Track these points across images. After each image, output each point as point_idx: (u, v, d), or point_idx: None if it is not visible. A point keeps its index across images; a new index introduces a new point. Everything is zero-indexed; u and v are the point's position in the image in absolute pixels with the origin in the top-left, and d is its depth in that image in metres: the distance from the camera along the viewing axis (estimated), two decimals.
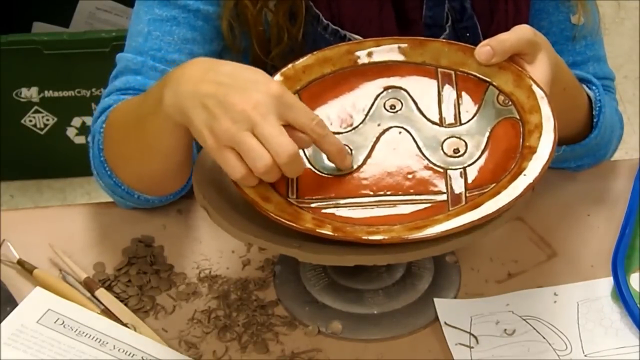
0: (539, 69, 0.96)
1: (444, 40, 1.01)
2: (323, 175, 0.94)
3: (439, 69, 0.99)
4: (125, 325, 0.99)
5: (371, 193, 0.93)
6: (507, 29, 0.97)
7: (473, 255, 1.07)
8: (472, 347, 0.97)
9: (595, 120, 1.12)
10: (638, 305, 0.99)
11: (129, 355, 0.95)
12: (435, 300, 1.02)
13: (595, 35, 1.20)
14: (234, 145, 0.87)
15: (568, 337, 0.99)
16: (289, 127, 0.88)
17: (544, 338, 0.98)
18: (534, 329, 0.99)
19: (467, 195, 0.91)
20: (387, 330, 1.00)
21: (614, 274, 1.02)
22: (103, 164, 1.07)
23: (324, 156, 0.95)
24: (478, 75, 0.98)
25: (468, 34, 1.15)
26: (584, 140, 1.11)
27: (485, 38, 1.15)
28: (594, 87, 1.13)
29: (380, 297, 1.02)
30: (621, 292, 1.00)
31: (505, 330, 0.99)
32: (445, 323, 1.00)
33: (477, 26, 1.16)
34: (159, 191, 1.08)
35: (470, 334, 0.99)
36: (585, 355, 0.97)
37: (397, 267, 1.04)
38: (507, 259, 1.07)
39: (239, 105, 0.86)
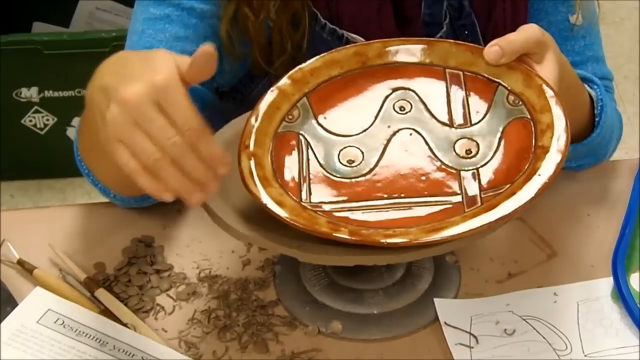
0: (548, 69, 0.96)
1: (451, 40, 1.01)
2: (336, 178, 0.94)
3: (447, 70, 0.99)
4: (125, 325, 0.99)
5: (385, 196, 0.93)
6: (505, 27, 0.97)
7: (473, 255, 1.07)
8: (472, 347, 0.97)
9: (597, 119, 1.12)
10: (638, 305, 0.99)
11: (129, 355, 0.95)
12: (435, 300, 1.02)
13: (594, 36, 1.21)
14: (120, 138, 0.83)
15: (568, 337, 0.99)
16: None
17: (544, 338, 0.98)
18: (534, 329, 0.99)
19: (482, 196, 0.91)
20: (387, 330, 1.00)
21: (614, 274, 1.02)
22: (80, 163, 1.07)
23: (336, 160, 0.95)
24: (487, 75, 0.97)
25: (466, 32, 1.15)
26: (586, 140, 1.11)
27: (483, 37, 1.15)
28: (595, 87, 1.13)
29: (380, 297, 1.02)
30: (621, 292, 1.00)
31: (505, 330, 0.99)
32: (445, 323, 1.00)
33: (475, 24, 1.16)
34: (130, 191, 1.08)
35: (470, 334, 0.99)
36: (585, 355, 0.97)
37: (397, 267, 1.04)
38: (507, 259, 1.07)
39: (123, 95, 0.82)
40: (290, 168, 0.94)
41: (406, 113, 0.98)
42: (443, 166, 0.94)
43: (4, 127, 2.18)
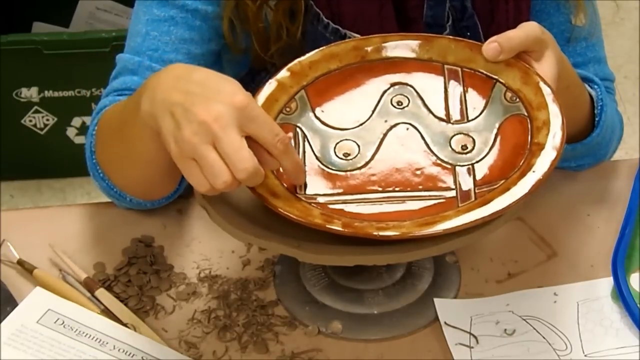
0: (546, 66, 0.96)
1: (450, 37, 1.01)
2: (331, 171, 0.94)
3: (446, 66, 0.99)
4: (125, 325, 0.99)
5: (379, 189, 0.93)
6: (507, 28, 0.97)
7: (473, 255, 1.07)
8: (472, 347, 0.97)
9: (597, 119, 1.12)
10: (638, 305, 0.99)
11: (129, 355, 0.95)
12: (435, 300, 1.02)
13: (596, 37, 1.21)
14: (195, 158, 0.86)
15: (568, 337, 0.99)
16: (254, 140, 0.87)
17: (544, 338, 0.98)
18: (534, 329, 0.99)
19: (477, 191, 0.91)
20: (387, 330, 1.00)
21: (614, 274, 1.02)
22: (96, 166, 1.07)
23: (332, 153, 0.95)
24: (485, 72, 0.98)
25: (469, 33, 1.15)
26: (586, 139, 1.11)
27: (485, 38, 1.15)
28: (595, 87, 1.13)
29: (380, 297, 1.02)
30: (621, 292, 1.00)
31: (505, 330, 0.99)
32: (445, 323, 1.00)
33: (477, 25, 1.16)
34: (149, 195, 1.08)
35: (470, 334, 0.99)
36: (585, 355, 0.97)
37: (397, 267, 1.04)
38: (507, 259, 1.07)
39: (201, 116, 0.85)
40: None
41: (403, 108, 0.98)
42: (438, 161, 0.94)
43: (4, 127, 2.18)
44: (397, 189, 0.93)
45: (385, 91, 0.99)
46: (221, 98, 0.86)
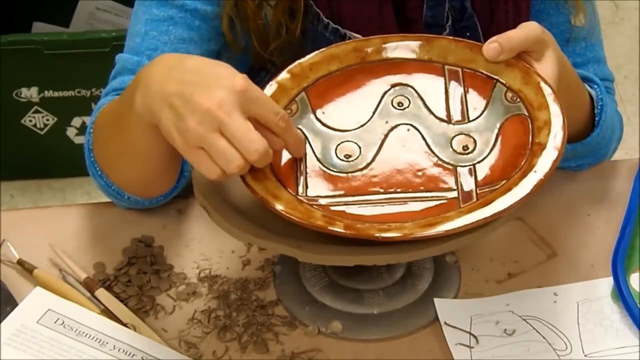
0: (547, 66, 0.96)
1: (450, 37, 1.01)
2: (332, 172, 0.94)
3: (446, 66, 0.99)
4: (125, 325, 0.99)
5: (381, 190, 0.93)
6: (507, 29, 0.97)
7: (473, 255, 1.07)
8: (472, 347, 0.97)
9: (597, 119, 1.12)
10: (638, 305, 0.99)
11: (129, 355, 0.95)
12: (435, 300, 1.02)
13: (596, 37, 1.21)
14: (203, 147, 0.86)
15: (568, 337, 0.99)
16: (255, 121, 0.88)
17: (544, 338, 0.98)
18: (534, 329, 0.99)
19: (478, 192, 0.91)
20: (387, 330, 1.00)
21: (614, 274, 1.02)
22: (94, 164, 1.07)
23: (334, 154, 0.95)
24: (485, 72, 0.98)
25: (468, 34, 1.15)
26: (586, 139, 1.12)
27: (485, 38, 1.15)
28: (595, 86, 1.13)
29: (380, 297, 1.02)
30: (621, 292, 1.00)
31: (505, 330, 0.99)
32: (445, 323, 1.00)
33: (477, 26, 1.16)
34: (148, 193, 1.08)
35: (470, 334, 0.99)
36: (585, 355, 0.97)
37: (397, 267, 1.04)
38: (507, 259, 1.07)
39: (204, 104, 0.85)
40: (288, 162, 0.94)
41: (404, 109, 0.98)
42: (440, 162, 0.94)
43: (4, 127, 2.18)
44: (398, 190, 0.93)
45: (385, 92, 0.99)
46: (221, 83, 0.86)
